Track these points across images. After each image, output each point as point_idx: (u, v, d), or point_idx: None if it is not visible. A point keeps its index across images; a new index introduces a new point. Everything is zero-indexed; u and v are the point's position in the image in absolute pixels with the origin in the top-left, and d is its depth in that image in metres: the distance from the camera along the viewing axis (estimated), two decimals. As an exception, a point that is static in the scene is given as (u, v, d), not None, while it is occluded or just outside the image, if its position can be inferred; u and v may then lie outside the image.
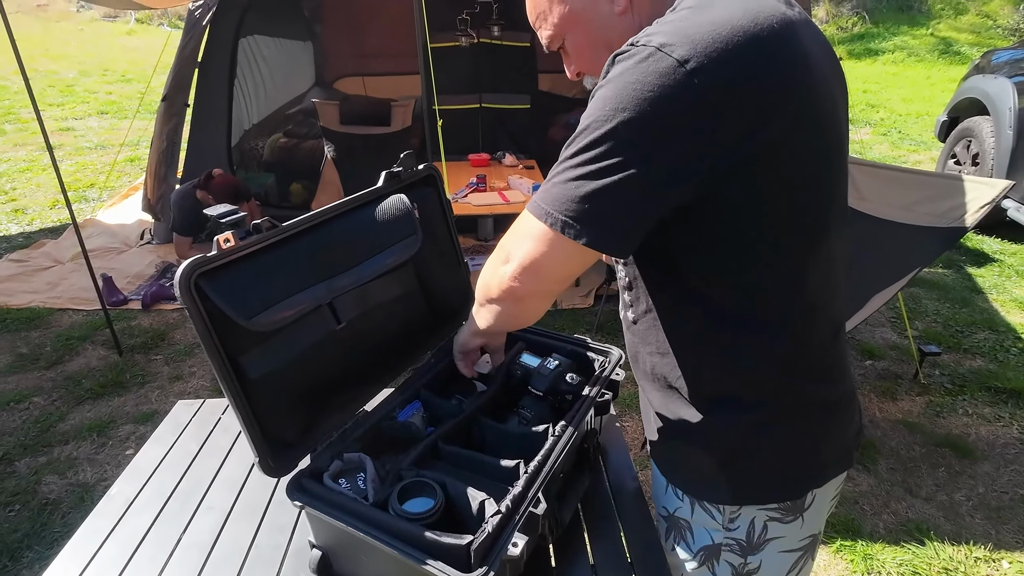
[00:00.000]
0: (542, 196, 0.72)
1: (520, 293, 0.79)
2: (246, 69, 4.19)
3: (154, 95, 4.90)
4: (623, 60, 0.66)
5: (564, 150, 0.71)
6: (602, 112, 0.65)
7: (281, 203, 4.27)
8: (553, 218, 0.70)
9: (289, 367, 0.93)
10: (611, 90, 0.65)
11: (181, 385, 2.75)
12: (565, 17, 0.80)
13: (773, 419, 0.81)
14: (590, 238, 0.68)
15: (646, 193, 0.67)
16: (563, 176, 0.70)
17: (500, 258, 0.80)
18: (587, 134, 0.67)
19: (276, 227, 0.90)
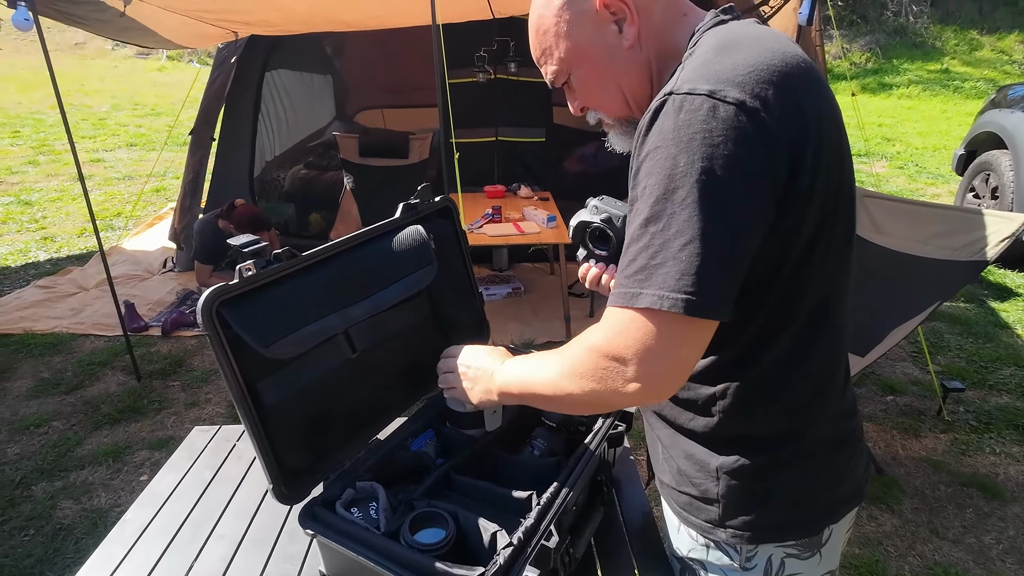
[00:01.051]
0: (640, 281, 0.65)
1: (654, 395, 0.72)
2: (270, 103, 4.34)
3: (182, 128, 5.08)
4: (673, 113, 0.64)
5: (635, 217, 0.67)
6: (674, 170, 0.63)
7: (300, 232, 4.35)
8: (671, 300, 0.63)
9: (304, 394, 0.94)
10: (675, 146, 0.63)
11: (197, 411, 2.77)
12: (571, 52, 0.79)
13: (791, 458, 0.80)
14: (711, 308, 0.64)
15: (741, 245, 0.64)
16: (653, 250, 0.65)
17: (608, 367, 0.70)
18: (666, 197, 0.64)
19: (296, 256, 0.93)
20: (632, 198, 0.70)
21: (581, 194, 4.44)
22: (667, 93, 0.66)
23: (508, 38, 3.97)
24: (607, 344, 0.70)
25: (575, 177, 4.57)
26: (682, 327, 0.65)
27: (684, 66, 0.70)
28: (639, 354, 0.67)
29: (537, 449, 1.10)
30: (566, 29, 0.78)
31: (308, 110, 4.83)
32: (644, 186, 0.67)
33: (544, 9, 0.79)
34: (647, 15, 0.76)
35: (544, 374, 0.80)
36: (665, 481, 0.92)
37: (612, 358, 0.69)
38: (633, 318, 0.67)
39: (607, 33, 0.77)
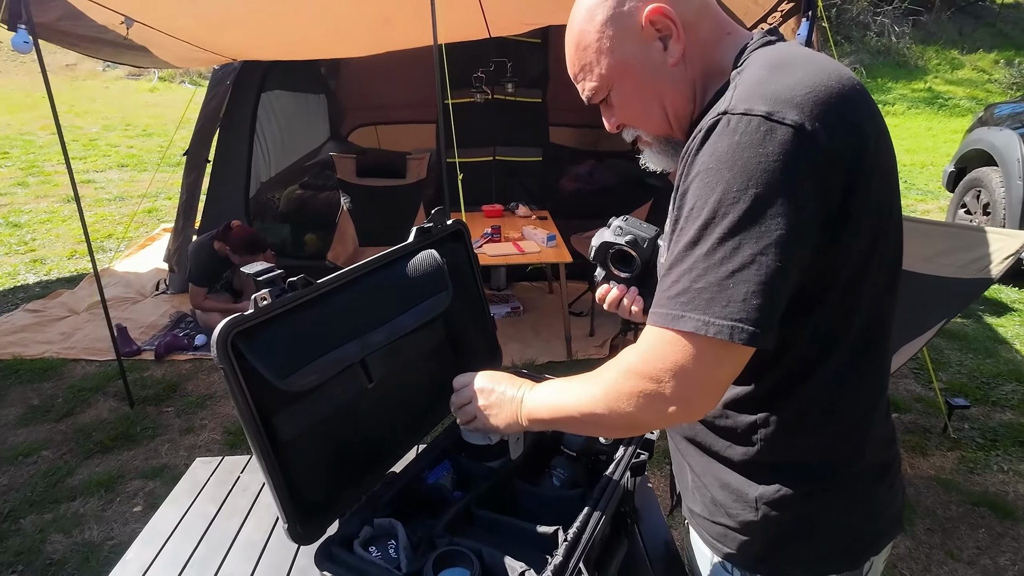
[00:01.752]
0: (684, 304, 0.64)
1: (689, 416, 0.71)
2: (265, 123, 4.32)
3: (175, 149, 5.05)
4: (728, 134, 0.63)
5: (680, 237, 0.66)
6: (725, 194, 0.62)
7: (296, 253, 4.31)
8: (716, 327, 0.62)
9: (320, 428, 0.90)
10: (728, 169, 0.62)
11: (192, 438, 2.70)
12: (614, 68, 0.77)
13: (835, 487, 0.78)
14: (755, 337, 0.62)
15: (788, 273, 0.63)
16: (698, 273, 0.63)
17: (645, 389, 0.68)
18: (715, 222, 0.62)
19: (312, 284, 0.90)
20: (676, 217, 0.68)
21: (578, 212, 4.49)
22: (721, 112, 0.64)
23: (505, 59, 4.00)
24: (644, 365, 0.69)
25: (571, 195, 4.58)
26: (723, 352, 0.65)
27: (736, 84, 0.68)
28: (677, 376, 0.66)
29: (557, 479, 1.06)
30: (609, 45, 0.75)
31: (303, 130, 4.83)
32: (692, 207, 0.65)
33: (586, 24, 0.77)
34: (693, 33, 0.75)
35: (578, 397, 0.78)
36: (696, 511, 0.88)
37: (649, 379, 0.68)
38: (673, 340, 0.66)
39: (652, 50, 0.75)
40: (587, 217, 4.20)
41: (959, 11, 12.67)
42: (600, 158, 5.00)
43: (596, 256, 1.03)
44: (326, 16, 3.05)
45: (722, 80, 0.74)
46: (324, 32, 3.25)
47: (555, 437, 1.12)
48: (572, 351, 3.33)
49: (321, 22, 3.15)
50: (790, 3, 2.52)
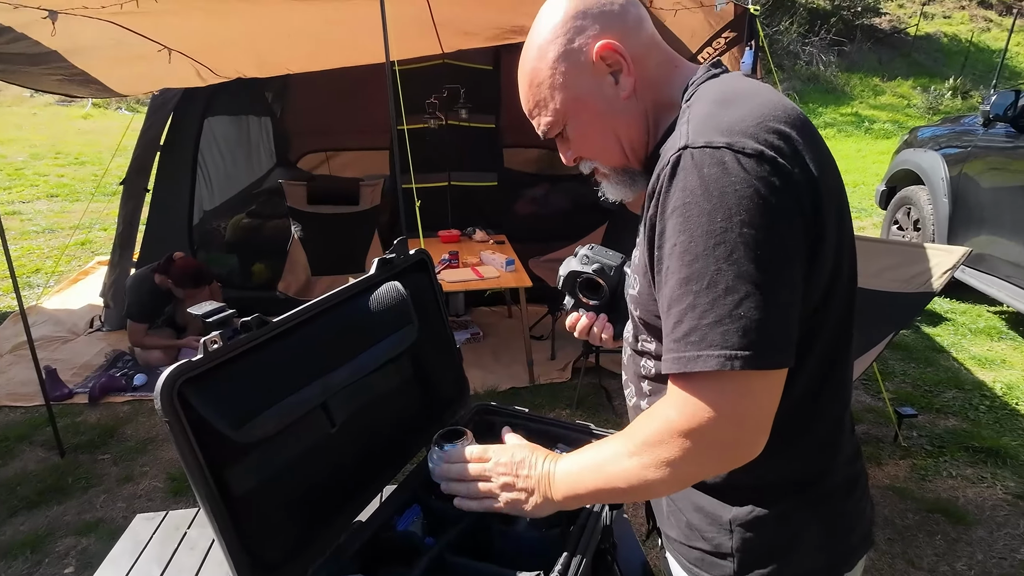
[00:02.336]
0: (696, 344, 0.63)
1: (747, 456, 0.68)
2: (207, 150, 4.17)
3: (111, 177, 4.80)
4: (695, 168, 0.63)
5: (669, 276, 0.65)
6: (711, 226, 0.62)
7: (244, 284, 4.14)
8: (741, 359, 0.61)
9: (278, 479, 0.83)
10: (706, 201, 0.62)
11: (131, 487, 2.50)
12: (568, 103, 0.78)
13: (807, 505, 0.79)
14: (780, 357, 0.63)
15: (794, 286, 0.64)
16: (702, 309, 0.63)
17: (695, 444, 0.66)
18: (707, 254, 0.62)
19: (267, 323, 0.83)
20: (657, 257, 0.68)
21: (535, 236, 4.50)
22: (682, 147, 0.65)
23: (458, 85, 4.01)
24: (687, 421, 0.66)
25: (527, 220, 4.59)
26: (758, 382, 0.64)
27: (688, 118, 0.70)
28: (724, 421, 0.64)
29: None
30: (562, 81, 0.77)
31: (247, 157, 4.67)
32: (675, 243, 0.65)
33: (538, 61, 0.78)
34: (642, 67, 0.77)
35: (621, 468, 0.72)
36: (672, 536, 0.88)
37: (698, 434, 0.65)
38: (704, 385, 0.65)
39: (604, 84, 0.77)
40: (544, 241, 4.22)
41: (877, 42, 13.61)
42: (554, 181, 5.05)
43: (564, 285, 1.03)
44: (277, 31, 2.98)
45: (673, 112, 0.77)
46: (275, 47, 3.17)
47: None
48: (535, 375, 3.29)
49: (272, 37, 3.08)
50: (732, 33, 2.63)
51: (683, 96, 0.77)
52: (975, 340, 3.79)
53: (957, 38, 14.05)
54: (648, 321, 0.79)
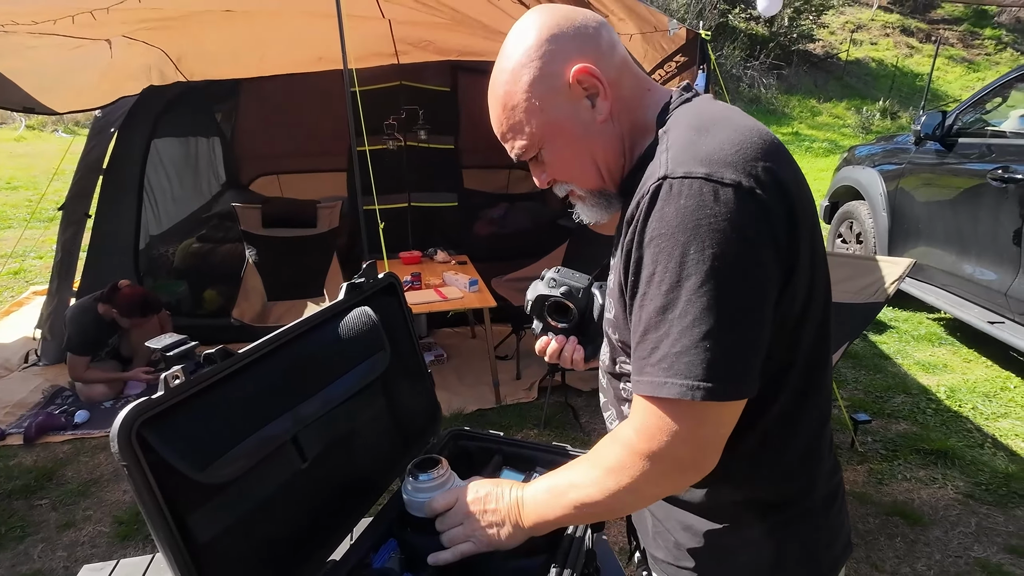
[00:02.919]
0: (665, 370, 0.65)
1: (699, 476, 0.71)
2: (152, 173, 4.01)
3: (47, 203, 4.55)
4: (672, 199, 0.64)
5: (645, 302, 0.67)
6: (684, 257, 0.63)
7: (195, 311, 3.97)
8: (703, 391, 0.63)
9: (246, 521, 0.78)
10: (681, 232, 0.63)
11: (73, 534, 2.32)
12: (544, 127, 0.77)
13: (793, 520, 0.80)
14: (740, 389, 0.65)
15: (760, 321, 0.66)
16: (673, 338, 0.64)
17: (653, 464, 0.69)
18: (679, 284, 0.64)
19: (231, 355, 0.79)
20: (633, 282, 0.69)
21: (496, 255, 4.49)
22: (661, 177, 0.66)
23: (416, 106, 4.00)
24: (647, 443, 0.69)
25: (487, 239, 4.59)
26: (715, 412, 0.66)
27: (668, 146, 0.70)
28: (680, 445, 0.67)
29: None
30: (538, 105, 0.76)
31: (195, 179, 4.51)
32: (652, 272, 0.66)
33: (511, 85, 0.77)
34: (617, 90, 0.77)
35: (588, 492, 0.75)
36: (659, 557, 0.87)
37: (657, 456, 0.68)
38: (665, 410, 0.67)
39: (580, 108, 0.76)
40: (506, 260, 4.22)
41: (812, 66, 14.40)
42: (512, 201, 5.08)
43: (532, 309, 1.02)
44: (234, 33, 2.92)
45: (648, 135, 0.77)
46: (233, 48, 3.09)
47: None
48: (501, 396, 3.26)
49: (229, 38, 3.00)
50: (684, 57, 2.72)
51: (657, 120, 0.77)
52: (918, 346, 3.98)
53: (883, 63, 15.00)
54: (627, 343, 0.78)
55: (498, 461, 1.13)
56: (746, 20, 14.04)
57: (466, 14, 2.65)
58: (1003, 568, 2.11)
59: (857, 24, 16.00)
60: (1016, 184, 3.12)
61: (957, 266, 3.62)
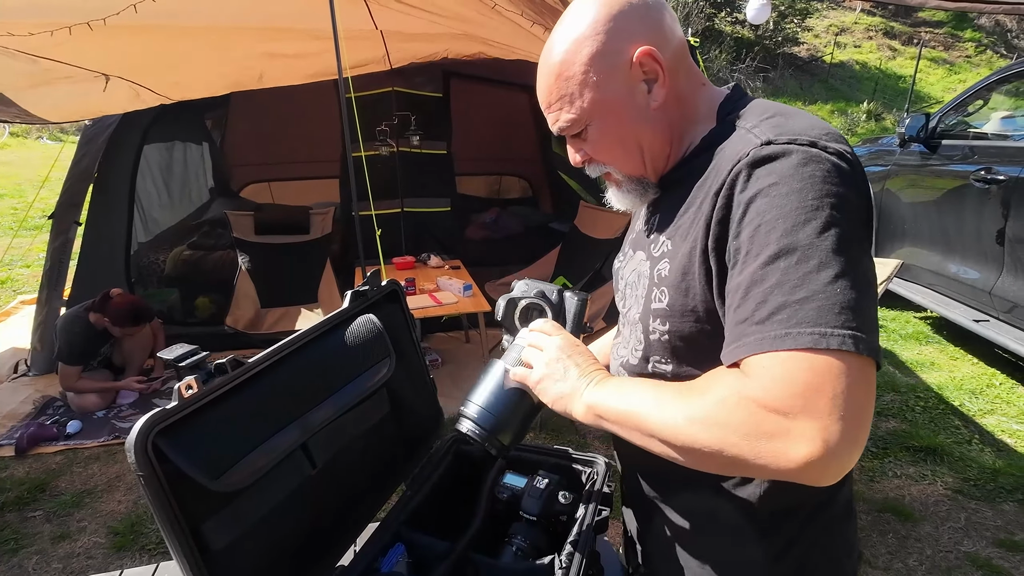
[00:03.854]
0: (783, 321, 0.56)
1: (826, 460, 0.54)
2: (142, 180, 3.99)
3: (34, 211, 4.51)
4: (780, 160, 0.62)
5: (748, 260, 0.61)
6: (802, 203, 0.59)
7: (186, 320, 3.95)
8: (839, 337, 0.54)
9: (259, 528, 0.79)
10: (797, 182, 0.61)
11: (68, 546, 2.31)
12: (596, 104, 0.74)
13: (823, 527, 0.78)
14: (875, 346, 0.56)
15: (874, 283, 0.61)
16: (792, 284, 0.57)
17: (766, 422, 0.56)
18: (797, 229, 0.58)
19: (242, 364, 0.80)
20: (733, 248, 0.64)
21: (489, 260, 4.50)
22: (764, 142, 0.65)
23: (409, 112, 4.02)
24: (765, 393, 0.56)
25: (479, 244, 4.61)
26: (854, 369, 0.55)
27: (751, 125, 0.69)
28: (812, 404, 0.54)
29: (518, 547, 1.01)
30: (595, 80, 0.73)
31: (186, 186, 4.51)
32: (758, 224, 0.61)
33: (571, 55, 0.73)
34: (674, 78, 0.75)
35: (664, 413, 0.64)
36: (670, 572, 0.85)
37: (774, 411, 0.55)
38: (792, 362, 0.55)
39: (636, 91, 0.74)
40: (499, 264, 4.24)
41: (798, 69, 14.57)
42: (504, 205, 5.11)
43: (505, 318, 0.94)
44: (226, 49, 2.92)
45: (702, 126, 0.76)
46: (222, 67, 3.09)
47: (511, 502, 1.07)
48: (496, 400, 3.27)
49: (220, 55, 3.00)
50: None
51: (719, 111, 0.76)
52: (906, 345, 4.04)
53: (867, 65, 15.22)
54: (676, 336, 0.74)
55: (501, 465, 1.15)
56: (732, 24, 14.19)
57: (458, 13, 2.67)
58: (992, 562, 2.15)
59: (841, 27, 16.22)
60: (998, 185, 3.19)
61: (942, 266, 3.69)
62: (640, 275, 0.81)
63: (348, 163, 2.31)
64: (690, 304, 0.71)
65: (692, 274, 0.70)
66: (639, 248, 0.84)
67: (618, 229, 3.62)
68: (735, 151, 0.67)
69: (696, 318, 0.71)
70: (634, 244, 0.87)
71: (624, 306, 0.88)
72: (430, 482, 1.10)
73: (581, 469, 1.15)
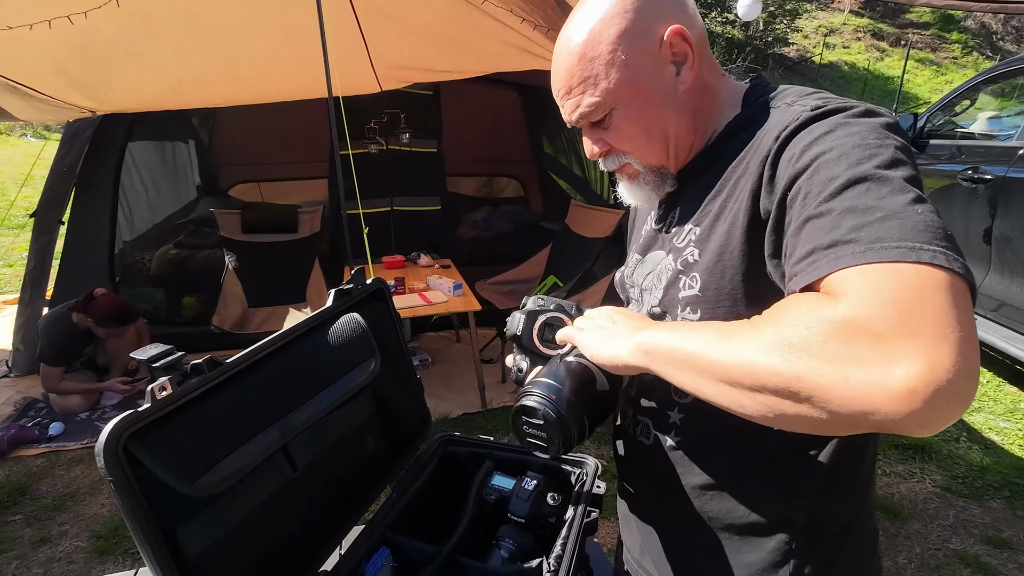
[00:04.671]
0: (873, 234, 0.49)
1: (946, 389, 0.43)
2: (127, 178, 3.93)
3: (17, 209, 4.43)
4: (833, 117, 0.60)
5: (809, 200, 0.55)
6: (865, 140, 0.56)
7: (172, 319, 3.90)
8: (931, 251, 0.47)
9: (237, 534, 0.77)
10: (857, 125, 0.58)
11: (49, 550, 2.26)
12: (624, 85, 0.69)
13: (859, 535, 0.75)
14: (966, 266, 0.49)
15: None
16: (868, 203, 0.51)
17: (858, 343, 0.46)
18: (865, 161, 0.54)
19: (220, 364, 0.78)
20: (790, 196, 0.58)
21: (479, 259, 4.47)
22: (813, 108, 0.62)
23: (398, 110, 3.98)
24: (852, 312, 0.46)
25: (469, 243, 4.59)
26: (953, 290, 0.46)
27: (790, 102, 0.67)
28: (911, 322, 0.44)
29: (506, 550, 0.99)
30: (624, 59, 0.68)
31: (172, 184, 4.45)
32: (819, 165, 0.56)
33: (595, 34, 0.69)
34: (701, 61, 0.72)
35: (729, 345, 0.53)
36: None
37: (865, 332, 0.45)
38: (879, 275, 0.47)
39: (665, 73, 0.70)
40: (489, 264, 4.22)
41: (788, 69, 14.69)
42: (494, 204, 5.09)
43: (524, 334, 0.86)
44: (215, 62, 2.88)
45: (726, 111, 0.73)
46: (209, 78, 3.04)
47: (499, 504, 1.05)
48: (487, 400, 3.26)
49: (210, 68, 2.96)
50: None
51: (745, 101, 0.74)
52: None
53: (856, 66, 15.35)
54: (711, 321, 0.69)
55: (489, 466, 1.13)
56: (723, 24, 14.26)
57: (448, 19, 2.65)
58: (980, 559, 2.16)
59: (830, 28, 16.35)
60: (985, 184, 3.21)
61: (930, 264, 3.71)
62: (662, 271, 0.77)
63: (336, 161, 2.28)
64: (727, 287, 0.67)
65: (730, 253, 0.66)
66: (654, 248, 0.81)
67: (609, 228, 3.61)
68: (779, 122, 0.64)
69: (733, 301, 0.67)
70: (644, 248, 0.83)
71: (639, 310, 0.83)
72: (416, 484, 1.08)
73: (570, 470, 1.13)
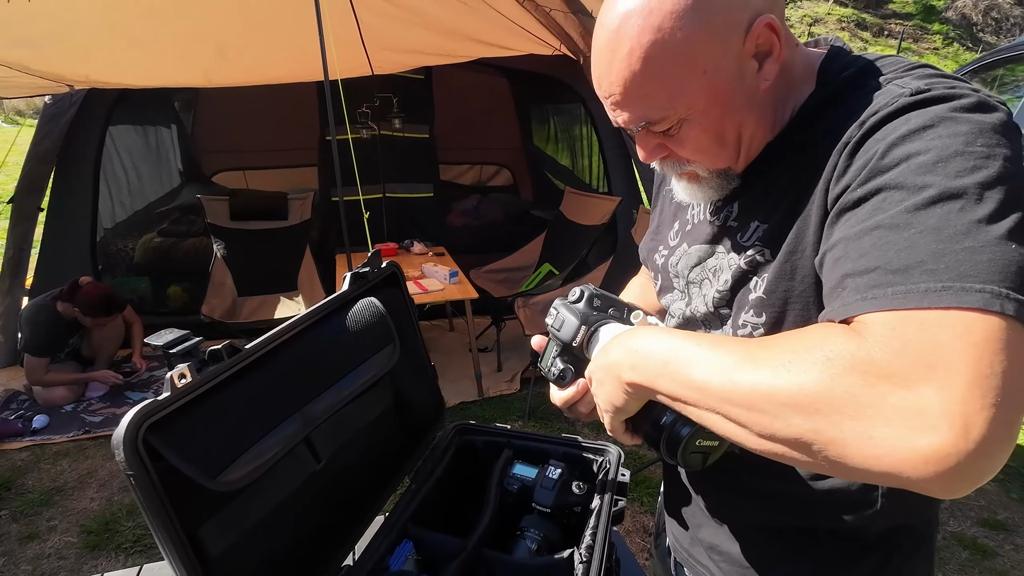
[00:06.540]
0: (945, 272, 0.44)
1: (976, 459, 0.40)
2: (107, 163, 3.81)
3: (-7, 197, 4.27)
4: (936, 102, 0.51)
5: (888, 206, 0.49)
6: (967, 147, 0.48)
7: (158, 309, 3.80)
8: (1016, 302, 0.42)
9: (260, 529, 0.73)
10: (959, 125, 0.49)
11: (38, 546, 2.19)
12: (702, 94, 0.58)
13: (926, 549, 0.72)
14: None
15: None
16: (953, 231, 0.45)
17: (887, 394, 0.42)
18: (962, 175, 0.47)
19: (239, 351, 0.73)
20: (863, 192, 0.52)
21: (472, 247, 4.41)
22: (915, 91, 0.53)
23: (391, 95, 3.90)
24: (893, 360, 0.42)
25: (460, 231, 4.54)
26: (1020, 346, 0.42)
27: (894, 79, 0.57)
28: (954, 379, 0.40)
29: (532, 541, 0.96)
30: (702, 62, 0.57)
31: (155, 170, 4.32)
32: (909, 164, 0.49)
33: (667, 33, 0.55)
34: (783, 49, 0.60)
35: (730, 372, 0.49)
36: None
37: (901, 382, 0.41)
38: (940, 327, 0.42)
39: (746, 72, 0.59)
40: (482, 252, 4.17)
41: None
42: (484, 192, 5.03)
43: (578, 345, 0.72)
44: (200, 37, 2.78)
45: (801, 90, 0.63)
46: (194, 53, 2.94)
47: (522, 494, 1.02)
48: (483, 389, 3.22)
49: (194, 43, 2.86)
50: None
51: (820, 76, 0.63)
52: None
53: (840, 56, 15.45)
54: (773, 328, 0.63)
55: (508, 455, 1.09)
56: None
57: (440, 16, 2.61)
58: (978, 541, 2.19)
59: (815, 18, 16.42)
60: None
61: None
62: (719, 268, 0.69)
63: (333, 146, 2.21)
64: (797, 288, 0.60)
65: (800, 253, 0.59)
66: (706, 241, 0.72)
67: (604, 216, 3.58)
68: (868, 105, 0.55)
69: (804, 304, 0.60)
70: (693, 237, 0.75)
71: (687, 304, 0.77)
72: (434, 475, 1.04)
73: (592, 458, 1.11)
